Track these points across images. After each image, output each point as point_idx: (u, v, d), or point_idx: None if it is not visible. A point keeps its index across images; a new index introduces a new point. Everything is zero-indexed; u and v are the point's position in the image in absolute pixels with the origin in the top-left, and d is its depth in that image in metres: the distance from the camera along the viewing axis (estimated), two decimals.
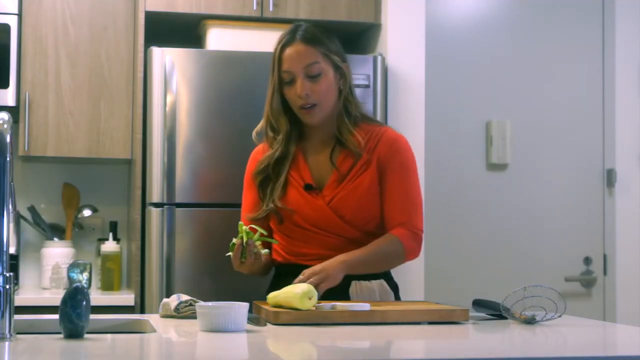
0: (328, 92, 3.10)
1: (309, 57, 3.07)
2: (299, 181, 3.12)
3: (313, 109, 3.08)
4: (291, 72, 3.08)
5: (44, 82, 4.39)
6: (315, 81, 3.07)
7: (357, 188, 3.08)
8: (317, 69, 3.07)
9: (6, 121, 2.21)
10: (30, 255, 4.69)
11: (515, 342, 2.37)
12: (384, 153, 3.12)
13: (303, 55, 3.07)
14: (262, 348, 2.20)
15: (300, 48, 3.08)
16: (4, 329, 2.13)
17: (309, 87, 3.06)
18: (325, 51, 3.10)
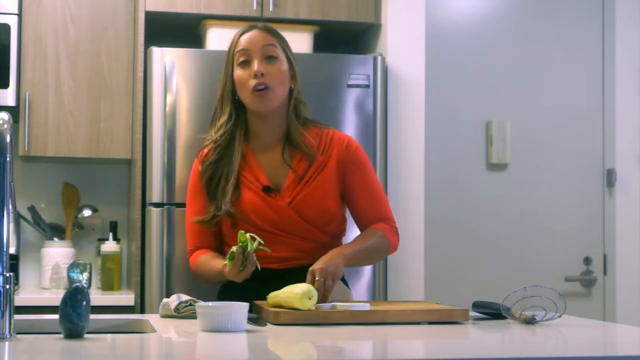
0: (282, 79, 3.09)
1: (267, 39, 3.09)
2: (255, 183, 3.09)
3: (267, 93, 3.04)
4: (247, 51, 3.07)
5: (44, 82, 4.39)
6: (271, 63, 3.07)
7: (317, 189, 3.08)
8: (273, 51, 3.08)
9: (6, 121, 2.21)
10: (30, 255, 4.70)
11: (515, 342, 2.37)
12: (341, 154, 3.14)
13: (261, 37, 3.09)
14: (262, 348, 2.20)
15: (259, 32, 3.11)
16: (4, 329, 2.13)
17: (264, 67, 3.05)
18: (282, 44, 3.13)
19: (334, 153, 3.13)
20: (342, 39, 4.83)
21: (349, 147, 3.17)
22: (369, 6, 4.49)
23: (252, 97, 3.06)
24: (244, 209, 3.07)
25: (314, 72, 4.29)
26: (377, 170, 4.28)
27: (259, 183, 3.09)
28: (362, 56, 4.38)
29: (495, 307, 2.73)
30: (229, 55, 3.14)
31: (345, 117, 4.29)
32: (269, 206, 3.06)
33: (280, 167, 3.11)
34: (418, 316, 2.64)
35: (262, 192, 3.07)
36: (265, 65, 3.05)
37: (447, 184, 4.85)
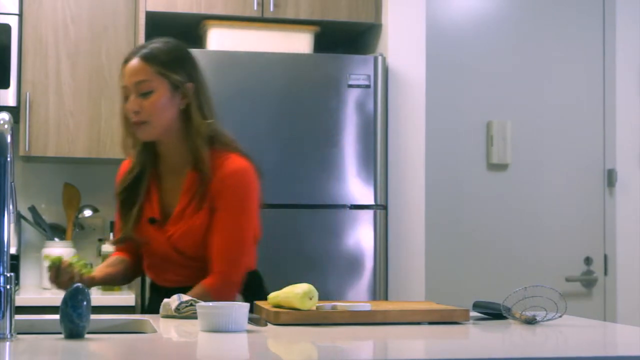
0: (159, 110, 2.96)
1: (140, 75, 2.96)
2: (148, 212, 3.05)
3: (143, 127, 2.97)
4: (126, 88, 3.00)
5: (44, 82, 4.39)
6: (145, 98, 2.96)
7: (195, 225, 2.97)
8: (147, 87, 2.96)
9: (7, 121, 2.21)
10: (30, 255, 4.70)
11: (515, 342, 2.37)
12: (215, 188, 2.96)
13: (135, 72, 2.97)
14: (263, 348, 2.20)
15: (135, 64, 2.98)
16: (5, 329, 2.13)
17: (138, 104, 2.95)
18: (161, 69, 2.96)
19: (212, 185, 2.96)
20: (343, 39, 4.83)
21: (225, 182, 2.95)
22: (370, 6, 4.50)
23: (133, 129, 3.01)
24: (139, 236, 3.06)
25: (314, 73, 4.29)
26: (377, 171, 4.28)
27: (150, 212, 3.05)
28: (363, 56, 4.38)
29: (496, 307, 2.73)
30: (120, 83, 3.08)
31: (345, 118, 4.29)
32: (152, 238, 3.03)
33: (174, 195, 3.03)
34: (418, 316, 2.63)
35: (148, 222, 3.04)
36: (140, 100, 2.96)
37: (447, 184, 4.85)
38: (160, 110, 2.96)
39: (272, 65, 4.27)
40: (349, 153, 4.29)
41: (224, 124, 4.16)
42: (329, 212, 4.27)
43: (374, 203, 4.30)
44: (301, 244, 4.23)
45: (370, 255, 4.27)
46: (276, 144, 4.25)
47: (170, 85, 2.97)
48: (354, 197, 4.29)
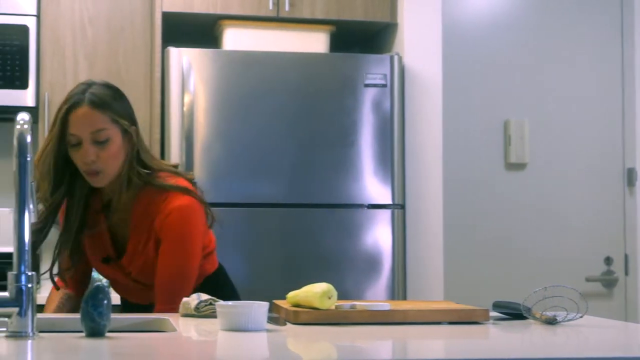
0: (115, 158, 2.90)
1: (96, 124, 2.85)
2: (100, 249, 3.01)
3: (98, 175, 2.90)
4: (77, 135, 2.85)
5: (62, 82, 4.40)
6: (102, 147, 2.86)
7: (148, 261, 2.95)
8: (104, 136, 2.86)
9: (27, 121, 2.22)
10: (51, 254, 4.69)
11: (536, 342, 2.36)
12: (159, 226, 2.93)
13: (90, 121, 2.85)
14: (282, 347, 2.20)
15: (87, 112, 2.85)
16: (27, 327, 2.14)
17: (94, 153, 2.85)
18: (114, 116, 2.88)
19: (156, 223, 2.93)
20: (359, 38, 4.83)
21: (168, 219, 2.91)
22: (385, 5, 4.49)
23: (87, 178, 2.92)
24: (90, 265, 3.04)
25: (330, 72, 4.30)
26: (395, 170, 4.28)
27: (103, 251, 3.01)
28: (379, 55, 4.38)
29: (516, 307, 2.72)
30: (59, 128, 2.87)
31: (362, 117, 4.29)
32: (110, 274, 2.99)
33: (123, 229, 3.00)
34: (438, 316, 2.63)
35: (102, 262, 3.01)
36: (96, 149, 2.86)
37: (465, 184, 4.84)
38: (114, 159, 2.90)
39: (288, 65, 4.27)
40: (366, 152, 4.29)
41: (241, 123, 4.18)
42: (346, 211, 4.28)
43: (391, 202, 4.30)
44: (319, 243, 4.23)
45: (389, 255, 4.27)
46: (293, 144, 4.25)
47: (122, 131, 2.91)
48: (371, 197, 4.29)
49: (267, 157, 4.22)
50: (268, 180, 4.22)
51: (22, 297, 2.15)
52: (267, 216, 4.20)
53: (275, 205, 4.22)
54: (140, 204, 2.96)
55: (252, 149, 4.19)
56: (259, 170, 4.22)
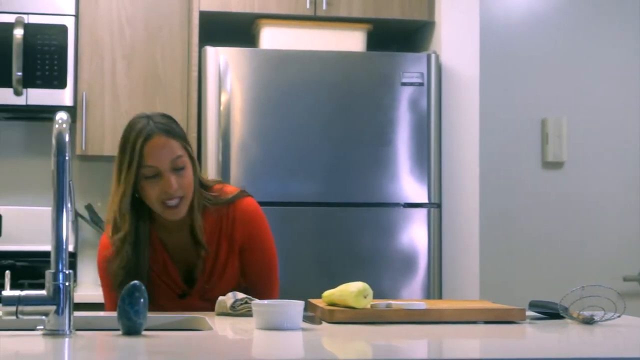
0: (191, 184, 2.87)
1: (174, 151, 2.82)
2: (172, 287, 2.96)
3: (179, 204, 2.85)
4: (156, 167, 2.80)
5: (100, 82, 4.43)
6: (180, 175, 2.83)
7: (228, 277, 2.96)
8: (181, 163, 2.83)
9: (65, 121, 2.24)
10: (87, 252, 4.74)
11: (573, 342, 2.35)
12: (241, 236, 2.97)
13: (168, 149, 2.81)
14: (318, 346, 2.20)
15: (163, 141, 2.82)
16: (64, 326, 2.16)
17: (176, 181, 2.81)
18: (182, 142, 2.87)
19: (236, 236, 2.97)
20: (396, 37, 4.83)
21: (250, 224, 2.99)
22: (423, 4, 4.48)
23: (163, 210, 2.86)
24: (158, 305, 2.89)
25: (367, 71, 4.29)
26: (431, 169, 4.27)
27: (176, 287, 2.96)
28: (416, 54, 4.37)
29: (553, 306, 2.71)
30: (131, 164, 2.81)
31: (399, 116, 4.28)
32: (184, 306, 2.93)
33: (190, 258, 2.96)
34: (474, 315, 2.62)
35: (178, 298, 2.96)
36: (176, 177, 2.83)
37: (502, 183, 4.83)
38: (192, 185, 2.88)
39: (325, 64, 4.28)
40: (402, 151, 4.28)
41: (278, 123, 4.19)
42: (382, 210, 4.27)
43: (427, 201, 4.29)
44: (355, 242, 4.23)
45: (424, 254, 4.26)
46: (330, 143, 4.25)
47: (190, 157, 2.89)
48: (407, 196, 4.28)
49: (303, 156, 4.23)
50: (304, 179, 4.22)
51: (60, 295, 2.16)
52: (303, 215, 4.21)
53: (311, 204, 4.22)
54: (208, 224, 2.95)
55: (289, 148, 4.20)
56: (296, 169, 4.22)
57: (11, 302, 2.16)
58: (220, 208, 2.98)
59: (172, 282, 2.96)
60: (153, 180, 2.82)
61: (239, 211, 2.99)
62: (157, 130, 2.82)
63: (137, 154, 2.80)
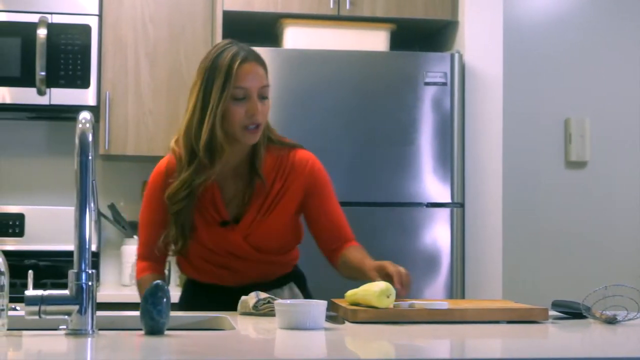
0: (267, 115, 3.00)
1: (264, 80, 2.95)
2: (214, 216, 2.99)
3: (257, 130, 2.94)
4: (246, 89, 2.91)
5: (124, 81, 4.45)
6: (263, 103, 2.94)
7: (275, 221, 2.99)
8: (267, 92, 2.96)
9: (88, 120, 2.24)
10: (110, 252, 4.76)
11: (596, 341, 2.34)
12: (305, 181, 3.04)
13: (260, 77, 2.94)
14: (341, 346, 2.20)
15: (257, 68, 2.94)
16: (87, 325, 2.16)
17: (260, 108, 2.92)
18: (267, 76, 2.99)
19: (295, 178, 3.03)
20: (419, 36, 4.82)
21: (312, 171, 3.07)
22: (446, 3, 4.48)
23: (243, 134, 2.93)
24: (201, 240, 3.00)
25: (390, 70, 4.29)
26: (454, 169, 4.27)
27: (218, 216, 2.99)
28: (439, 54, 4.37)
29: (576, 306, 2.70)
30: (223, 83, 2.90)
31: (422, 115, 4.28)
32: (224, 239, 2.99)
33: (240, 195, 3.01)
34: (496, 315, 2.62)
35: (219, 226, 2.99)
36: (260, 104, 2.93)
37: (525, 182, 4.81)
38: (268, 116, 3.01)
39: (348, 64, 4.28)
40: (425, 151, 4.28)
41: (301, 122, 4.19)
42: (405, 210, 4.27)
43: (450, 201, 4.28)
44: (378, 242, 4.22)
45: (447, 254, 4.25)
46: (352, 142, 4.25)
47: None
48: (430, 195, 4.28)
49: (326, 155, 4.19)
50: None
51: (83, 295, 2.17)
52: None
53: None
54: (269, 160, 3.04)
55: (311, 148, 4.16)
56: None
57: (34, 301, 2.17)
58: (281, 150, 3.07)
59: (216, 211, 2.99)
60: (241, 102, 2.91)
61: (299, 157, 3.08)
62: (250, 56, 2.95)
63: (232, 75, 2.89)
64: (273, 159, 3.04)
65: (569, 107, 4.90)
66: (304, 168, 3.06)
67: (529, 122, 4.86)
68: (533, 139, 4.86)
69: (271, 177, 3.02)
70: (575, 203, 4.87)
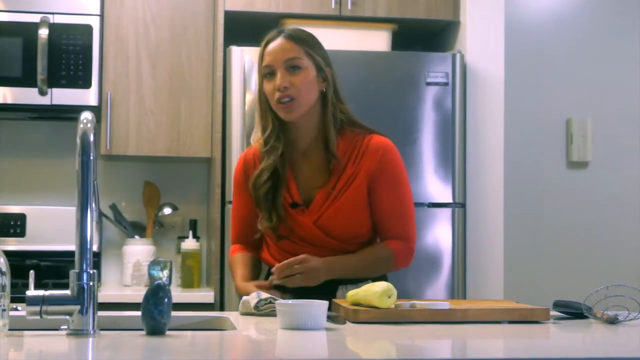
0: (308, 88, 2.98)
1: (290, 52, 2.97)
2: (286, 197, 3.02)
3: (291, 104, 2.96)
4: (271, 66, 2.98)
5: (125, 82, 4.45)
6: (294, 74, 2.96)
7: (345, 205, 2.99)
8: (297, 63, 2.97)
9: (90, 121, 2.24)
10: (111, 252, 4.76)
11: (597, 342, 2.34)
12: (373, 166, 3.02)
13: (285, 50, 2.98)
14: (342, 346, 2.20)
15: (282, 43, 2.99)
16: (88, 325, 2.16)
17: (287, 80, 2.95)
18: (308, 49, 3.00)
19: (365, 163, 3.02)
20: (421, 36, 4.82)
21: (383, 158, 3.04)
22: (448, 3, 4.48)
23: (278, 109, 2.98)
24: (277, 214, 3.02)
25: (392, 70, 4.29)
26: (456, 169, 4.26)
27: (290, 198, 3.01)
28: (441, 54, 4.37)
29: (577, 306, 2.70)
30: (258, 66, 3.04)
31: (423, 115, 4.28)
32: (295, 223, 3.00)
33: (313, 179, 3.03)
34: (498, 315, 2.62)
35: (290, 207, 3.01)
36: (289, 77, 2.95)
37: (526, 183, 4.81)
38: (308, 89, 2.98)
39: (349, 64, 4.27)
40: (427, 151, 4.28)
41: None
42: None
43: (452, 201, 4.28)
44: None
45: (449, 254, 4.25)
46: None
47: (315, 65, 3.01)
48: (432, 195, 4.28)
49: None
50: None
51: (84, 295, 2.17)
52: None
53: None
54: (342, 143, 3.03)
55: None
56: None
57: (35, 301, 2.17)
58: (357, 134, 3.07)
59: (288, 193, 3.02)
60: (270, 79, 2.99)
61: (373, 143, 3.06)
62: (279, 34, 3.02)
63: (260, 58, 3.01)
64: (347, 142, 3.05)
65: (570, 107, 4.90)
66: (376, 154, 3.04)
67: (530, 122, 4.85)
68: (535, 139, 4.86)
69: (344, 160, 3.02)
70: (576, 203, 4.87)
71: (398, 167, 3.08)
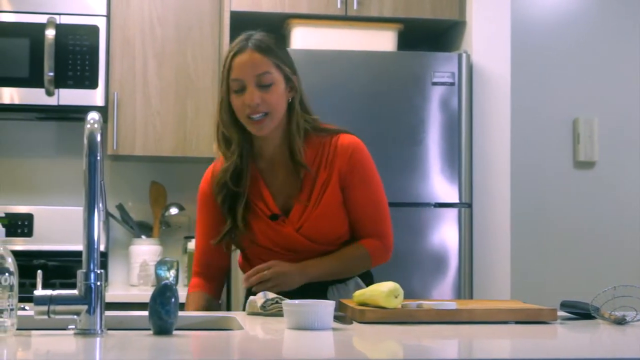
0: (279, 102, 2.92)
1: (260, 66, 2.88)
2: (264, 209, 2.98)
3: (263, 119, 2.90)
4: (241, 80, 2.89)
5: (131, 82, 4.45)
6: (266, 91, 2.89)
7: (325, 212, 2.96)
8: (268, 79, 2.89)
9: (97, 121, 2.25)
10: (118, 252, 4.77)
11: (604, 342, 2.34)
12: (344, 167, 2.98)
13: (255, 65, 2.88)
14: (348, 346, 2.20)
15: (252, 56, 2.89)
16: (95, 325, 2.16)
17: (259, 97, 2.87)
18: (277, 61, 2.91)
19: (337, 164, 2.98)
20: (427, 36, 4.82)
21: (352, 157, 3.00)
22: (454, 3, 4.48)
23: (249, 124, 2.92)
24: (257, 239, 2.99)
25: (398, 70, 4.29)
26: (462, 169, 4.26)
27: (267, 209, 2.98)
28: (447, 54, 4.36)
29: (584, 307, 2.69)
30: (223, 77, 2.94)
31: (430, 115, 4.28)
32: (277, 233, 2.97)
33: (286, 187, 3.00)
34: (505, 315, 2.61)
35: (270, 220, 2.97)
36: (260, 93, 2.88)
37: (533, 183, 4.81)
38: (279, 103, 2.92)
39: (355, 64, 4.27)
40: (433, 151, 4.28)
41: None
42: (413, 210, 4.26)
43: (458, 201, 4.28)
44: None
45: (455, 254, 4.25)
46: None
47: (284, 77, 2.94)
48: (438, 196, 4.28)
49: None
50: None
51: (91, 295, 2.17)
52: None
53: None
54: (310, 150, 2.99)
55: None
56: None
57: (43, 301, 2.17)
58: (323, 138, 3.02)
59: (265, 204, 2.98)
60: (240, 93, 2.90)
61: (341, 143, 3.01)
62: (248, 45, 2.91)
63: (226, 68, 2.91)
64: (314, 148, 3.00)
65: (577, 107, 4.89)
66: (346, 153, 3.00)
67: (537, 122, 4.85)
68: (541, 139, 4.86)
69: (315, 167, 2.98)
70: (583, 203, 4.86)
71: (367, 165, 3.05)
